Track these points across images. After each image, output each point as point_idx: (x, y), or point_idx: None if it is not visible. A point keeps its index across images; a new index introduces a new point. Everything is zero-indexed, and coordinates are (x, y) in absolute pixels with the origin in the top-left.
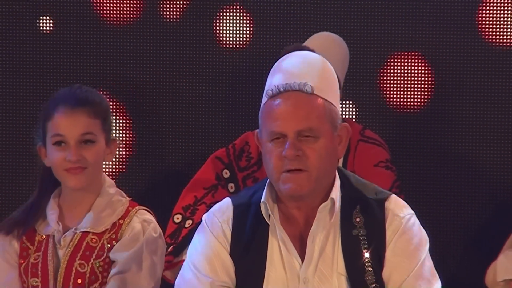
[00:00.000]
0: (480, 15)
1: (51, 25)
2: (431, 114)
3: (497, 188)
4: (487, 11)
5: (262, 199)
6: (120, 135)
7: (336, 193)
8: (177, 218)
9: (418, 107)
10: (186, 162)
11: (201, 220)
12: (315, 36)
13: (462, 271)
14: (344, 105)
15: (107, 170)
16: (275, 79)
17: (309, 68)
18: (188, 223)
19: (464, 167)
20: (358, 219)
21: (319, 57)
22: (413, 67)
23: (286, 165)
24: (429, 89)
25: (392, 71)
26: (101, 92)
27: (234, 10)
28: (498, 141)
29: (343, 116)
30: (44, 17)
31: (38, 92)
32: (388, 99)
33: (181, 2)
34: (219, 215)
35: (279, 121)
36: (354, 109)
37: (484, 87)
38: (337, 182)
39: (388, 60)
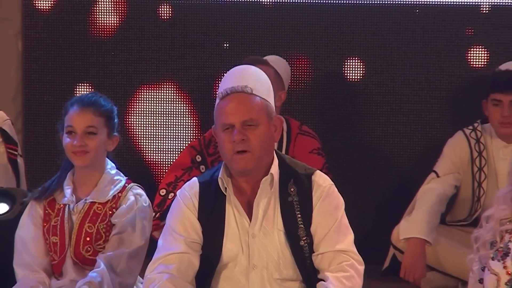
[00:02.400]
0: None
1: None
2: (350, 115)
3: (401, 168)
4: None
5: (219, 176)
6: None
7: (275, 169)
8: (162, 192)
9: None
10: (169, 151)
11: (176, 195)
12: (270, 56)
13: (374, 231)
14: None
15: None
16: (224, 85)
17: (249, 76)
18: (171, 195)
19: (375, 153)
20: (292, 189)
21: (256, 69)
22: None
23: (235, 147)
24: None
25: None
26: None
27: None
28: (400, 131)
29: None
30: None
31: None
32: None
33: None
34: (189, 190)
35: (228, 115)
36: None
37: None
38: (275, 161)
39: None
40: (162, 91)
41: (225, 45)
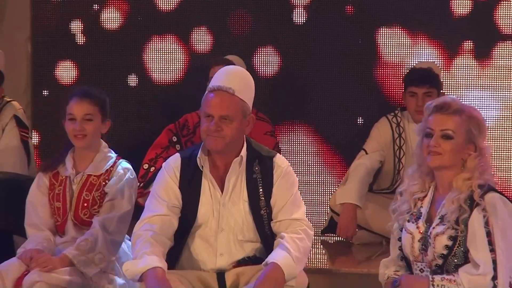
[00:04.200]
0: None
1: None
2: (296, 104)
3: (336, 147)
4: None
5: (198, 155)
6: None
7: (244, 152)
8: (145, 166)
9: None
10: (150, 133)
11: (161, 167)
12: (230, 56)
13: (316, 198)
14: None
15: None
16: (215, 81)
17: (236, 78)
18: (152, 169)
19: (316, 136)
20: (256, 168)
21: (245, 71)
22: None
23: (210, 134)
24: None
25: None
26: None
27: None
28: (336, 116)
29: None
30: None
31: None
32: None
33: None
34: (172, 163)
35: (210, 107)
36: None
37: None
38: (245, 145)
39: None
40: None
41: None
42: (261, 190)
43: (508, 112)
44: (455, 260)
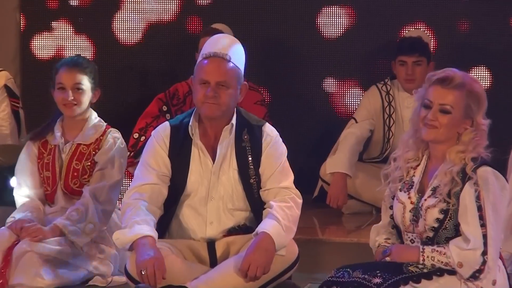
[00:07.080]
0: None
1: None
2: (285, 75)
3: (327, 116)
4: None
5: (190, 123)
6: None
7: (234, 120)
8: (136, 135)
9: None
10: (141, 102)
11: (151, 135)
12: (218, 24)
13: (306, 167)
14: None
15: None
16: (209, 48)
17: (230, 45)
18: (142, 138)
19: (307, 105)
20: (246, 137)
21: (236, 40)
22: None
23: (207, 100)
24: None
25: None
26: None
27: None
28: (326, 87)
29: None
30: None
31: None
32: None
33: None
34: (162, 131)
35: (207, 73)
36: None
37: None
38: (235, 113)
39: None
40: None
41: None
42: (250, 158)
43: None
44: (446, 233)
